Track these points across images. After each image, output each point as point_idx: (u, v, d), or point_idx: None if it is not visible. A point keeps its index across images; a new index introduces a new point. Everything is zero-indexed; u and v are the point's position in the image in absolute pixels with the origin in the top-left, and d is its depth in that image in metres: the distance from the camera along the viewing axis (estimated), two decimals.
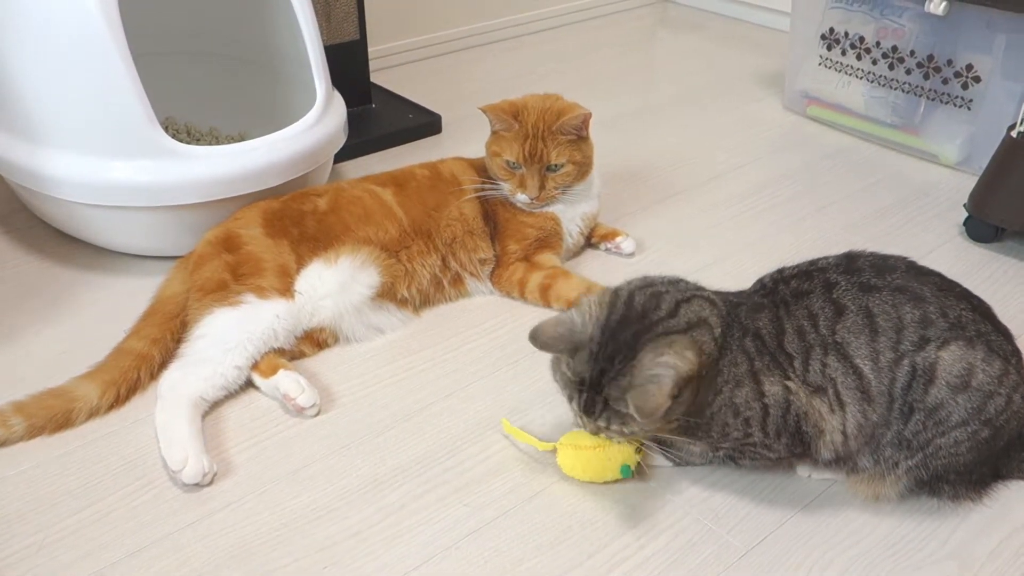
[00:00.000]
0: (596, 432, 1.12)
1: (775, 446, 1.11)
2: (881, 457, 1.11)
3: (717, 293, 1.16)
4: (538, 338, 1.09)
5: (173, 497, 1.18)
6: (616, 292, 1.11)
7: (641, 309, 1.07)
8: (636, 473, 1.18)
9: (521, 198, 1.58)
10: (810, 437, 1.10)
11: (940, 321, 1.07)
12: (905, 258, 1.16)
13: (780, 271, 1.18)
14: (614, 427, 1.08)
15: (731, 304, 1.13)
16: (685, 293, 1.10)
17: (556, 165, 1.57)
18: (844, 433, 1.09)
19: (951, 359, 1.06)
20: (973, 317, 1.10)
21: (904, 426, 1.08)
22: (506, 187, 1.60)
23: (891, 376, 1.06)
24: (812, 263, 1.16)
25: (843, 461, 1.13)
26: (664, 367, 1.02)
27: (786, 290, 1.12)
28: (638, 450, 1.17)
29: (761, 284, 1.18)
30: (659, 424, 1.06)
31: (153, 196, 1.52)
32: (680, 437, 1.11)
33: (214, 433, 1.28)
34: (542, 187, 1.57)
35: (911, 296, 1.08)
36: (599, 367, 1.05)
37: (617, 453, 1.16)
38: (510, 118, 1.56)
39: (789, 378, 1.08)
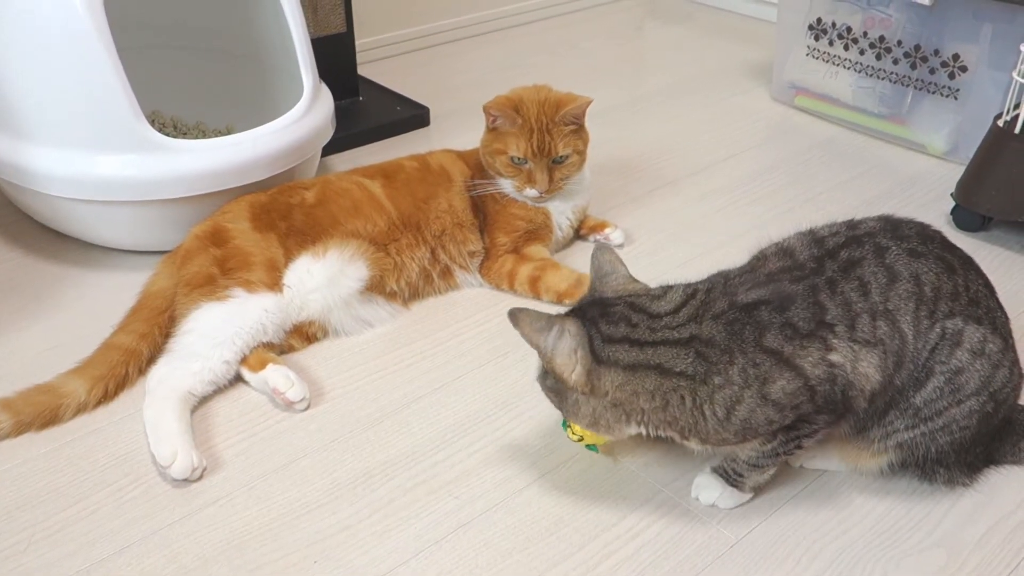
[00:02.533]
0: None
1: (821, 418, 1.06)
2: (884, 421, 1.10)
3: (725, 291, 1.07)
4: (601, 250, 1.17)
5: (162, 493, 1.17)
6: (650, 290, 1.13)
7: (624, 311, 1.07)
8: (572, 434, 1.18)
9: (531, 193, 1.58)
10: (852, 399, 1.06)
11: (963, 295, 1.09)
12: (937, 229, 1.16)
13: (819, 241, 1.11)
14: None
15: (742, 308, 1.04)
16: (663, 333, 1.05)
17: (562, 156, 1.57)
18: (869, 393, 1.07)
19: (972, 329, 1.08)
20: (986, 293, 1.13)
21: (915, 392, 1.08)
22: (509, 184, 1.59)
23: (924, 340, 1.07)
24: (851, 227, 1.13)
25: (860, 421, 1.10)
26: (570, 342, 1.04)
27: (834, 266, 1.07)
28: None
29: (794, 261, 1.10)
30: (551, 386, 1.11)
31: (139, 190, 1.52)
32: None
33: (203, 428, 1.27)
34: (551, 180, 1.57)
35: (947, 266, 1.10)
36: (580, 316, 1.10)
37: None
38: (513, 112, 1.55)
39: (832, 348, 1.03)
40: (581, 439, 1.17)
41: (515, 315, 1.05)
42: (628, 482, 1.20)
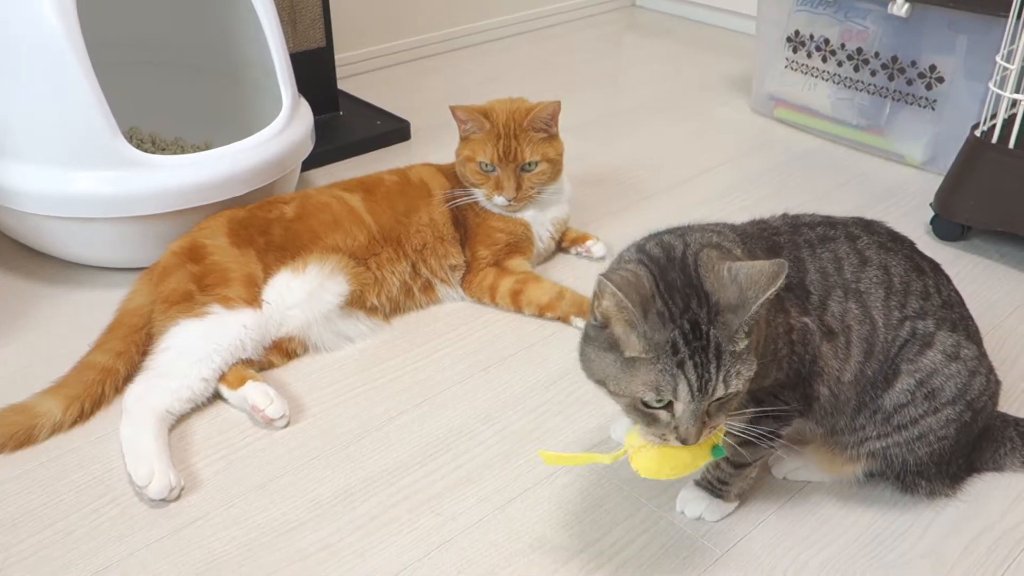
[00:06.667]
0: (696, 421, 0.90)
1: (787, 394, 1.05)
2: (855, 424, 1.10)
3: (726, 227, 1.07)
4: (612, 279, 0.89)
5: (139, 513, 1.15)
6: (639, 251, 0.99)
7: (669, 256, 0.96)
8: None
9: (499, 200, 1.57)
10: (815, 376, 1.05)
11: (935, 297, 1.10)
12: (906, 236, 1.18)
13: (795, 219, 1.14)
14: (733, 381, 0.89)
15: (747, 236, 1.06)
16: (699, 242, 0.99)
17: (531, 163, 1.57)
18: (840, 381, 1.07)
19: (944, 335, 1.08)
20: (958, 300, 1.14)
21: (883, 392, 1.07)
22: (481, 192, 1.59)
23: (894, 334, 1.07)
24: (826, 217, 1.15)
25: (829, 416, 1.10)
26: (738, 266, 0.91)
27: (811, 235, 1.09)
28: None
29: (768, 224, 1.12)
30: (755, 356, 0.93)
31: (116, 207, 1.50)
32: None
33: (181, 447, 1.26)
34: (519, 187, 1.57)
35: (916, 267, 1.11)
36: (685, 319, 0.88)
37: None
38: (481, 117, 1.56)
39: (808, 313, 1.04)
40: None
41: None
42: (611, 497, 1.19)
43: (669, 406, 0.91)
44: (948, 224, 1.78)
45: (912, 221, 1.87)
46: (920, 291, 1.09)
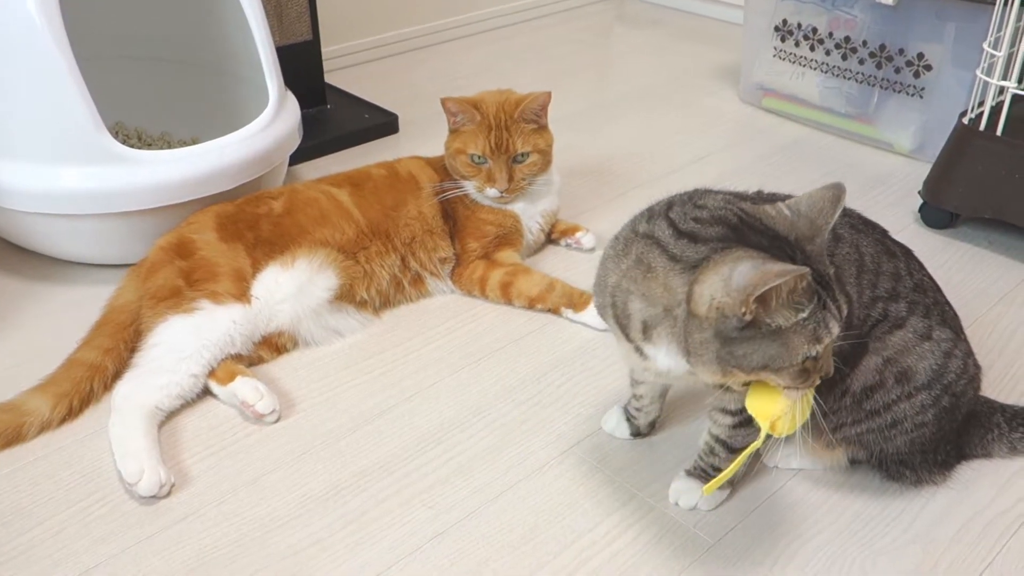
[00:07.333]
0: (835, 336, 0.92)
1: None
2: (825, 406, 1.09)
3: (708, 192, 1.06)
4: (762, 276, 0.84)
5: (129, 511, 1.15)
6: (694, 241, 0.93)
7: (730, 225, 0.93)
8: None
9: (491, 192, 1.57)
10: None
11: (907, 279, 1.10)
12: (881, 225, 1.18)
13: (771, 195, 1.12)
14: (845, 296, 0.96)
15: (729, 200, 1.04)
16: (726, 199, 0.99)
17: (522, 154, 1.56)
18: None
19: (916, 320, 1.08)
20: (932, 285, 1.14)
21: (851, 370, 1.07)
22: (471, 185, 1.58)
23: (866, 313, 1.07)
24: None
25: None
26: (795, 200, 0.94)
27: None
28: None
29: (744, 196, 1.10)
30: None
31: (103, 203, 1.49)
32: None
33: (171, 443, 1.25)
34: (511, 179, 1.56)
35: (887, 249, 1.12)
36: (802, 265, 0.88)
37: None
38: (472, 109, 1.55)
39: None
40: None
41: None
42: (603, 487, 1.19)
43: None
44: (937, 212, 1.79)
45: (901, 209, 1.87)
46: (891, 273, 1.10)
